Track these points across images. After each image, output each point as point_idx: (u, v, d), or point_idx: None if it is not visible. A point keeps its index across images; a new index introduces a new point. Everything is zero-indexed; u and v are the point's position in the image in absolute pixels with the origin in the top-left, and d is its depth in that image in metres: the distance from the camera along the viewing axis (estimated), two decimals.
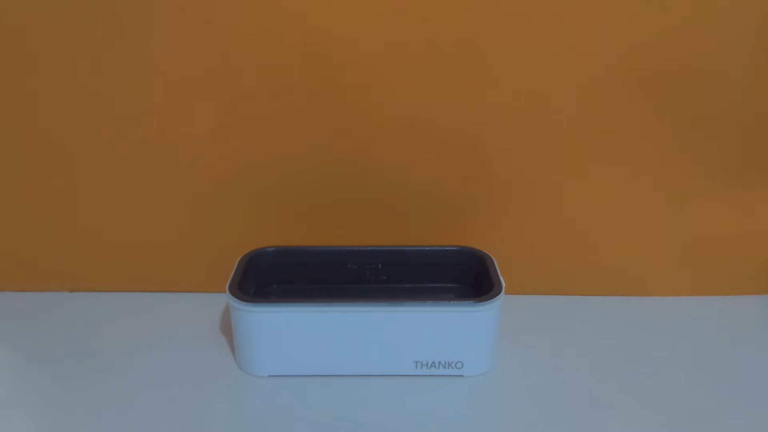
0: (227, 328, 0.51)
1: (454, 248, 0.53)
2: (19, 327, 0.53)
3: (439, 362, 0.46)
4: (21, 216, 0.55)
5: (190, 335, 0.51)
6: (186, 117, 0.52)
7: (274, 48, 0.49)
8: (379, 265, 0.53)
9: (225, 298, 0.46)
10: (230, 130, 0.52)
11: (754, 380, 0.47)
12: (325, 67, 0.50)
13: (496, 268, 0.49)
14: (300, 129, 0.52)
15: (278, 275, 0.53)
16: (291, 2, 0.48)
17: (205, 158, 0.53)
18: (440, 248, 0.53)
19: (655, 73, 0.50)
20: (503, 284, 0.46)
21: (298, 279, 0.53)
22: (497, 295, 0.45)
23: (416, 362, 0.46)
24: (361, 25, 0.49)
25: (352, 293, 0.53)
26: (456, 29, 0.49)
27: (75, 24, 0.49)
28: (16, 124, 0.52)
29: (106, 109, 0.51)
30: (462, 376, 0.47)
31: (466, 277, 0.53)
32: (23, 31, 0.49)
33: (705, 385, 0.46)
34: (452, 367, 0.46)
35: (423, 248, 0.53)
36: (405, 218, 0.55)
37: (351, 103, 0.51)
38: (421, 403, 0.44)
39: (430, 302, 0.45)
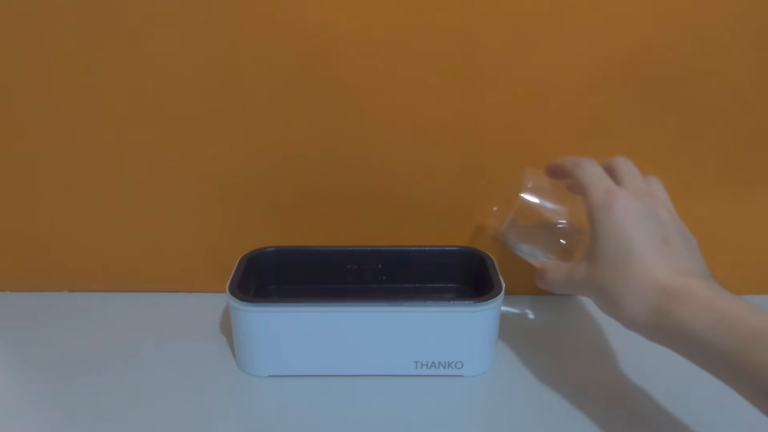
0: (227, 328, 0.51)
1: (454, 248, 0.53)
2: (19, 327, 0.53)
3: (439, 362, 0.46)
4: (21, 216, 0.55)
5: (190, 335, 0.51)
6: (186, 117, 0.52)
7: (276, 48, 0.49)
8: (380, 265, 0.53)
9: (225, 298, 0.46)
10: (231, 131, 0.52)
11: None
12: (325, 67, 0.50)
13: (496, 268, 0.49)
14: (300, 130, 0.52)
15: (278, 275, 0.53)
16: (292, 2, 0.48)
17: (206, 158, 0.53)
18: (440, 248, 0.53)
19: (655, 73, 0.50)
20: (503, 284, 0.46)
21: (298, 279, 0.53)
22: (497, 295, 0.45)
23: (416, 362, 0.46)
24: (363, 26, 0.48)
25: (352, 293, 0.53)
26: (456, 29, 0.49)
27: (75, 24, 0.49)
28: (15, 124, 0.52)
29: (106, 110, 0.51)
30: (462, 376, 0.47)
31: (466, 277, 0.53)
32: (27, 32, 0.49)
33: (704, 385, 0.46)
34: (452, 367, 0.46)
35: (423, 248, 0.53)
36: (405, 218, 0.55)
37: (352, 104, 0.51)
38: (421, 403, 0.44)
39: (430, 302, 0.45)
